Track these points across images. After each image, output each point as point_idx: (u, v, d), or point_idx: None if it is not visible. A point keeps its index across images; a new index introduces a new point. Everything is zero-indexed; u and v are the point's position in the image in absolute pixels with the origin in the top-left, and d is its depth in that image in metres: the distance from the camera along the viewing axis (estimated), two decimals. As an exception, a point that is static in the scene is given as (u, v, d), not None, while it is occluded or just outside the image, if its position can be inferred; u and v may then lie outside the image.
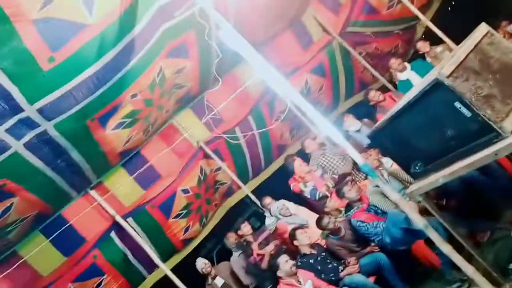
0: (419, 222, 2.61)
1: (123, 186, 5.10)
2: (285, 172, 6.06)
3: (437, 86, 2.40)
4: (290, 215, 5.16)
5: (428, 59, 6.32)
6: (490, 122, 2.28)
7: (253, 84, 5.69)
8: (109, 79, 3.90)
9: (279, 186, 6.06)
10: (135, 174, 5.17)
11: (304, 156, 6.06)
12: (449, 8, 7.00)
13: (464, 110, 2.31)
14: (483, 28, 2.83)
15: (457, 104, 2.32)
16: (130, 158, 5.18)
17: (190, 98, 5.48)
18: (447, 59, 2.97)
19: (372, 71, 6.76)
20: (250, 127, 6.13)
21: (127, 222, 5.07)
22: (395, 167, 4.36)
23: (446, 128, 2.54)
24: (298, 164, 5.56)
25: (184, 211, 5.63)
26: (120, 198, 5.13)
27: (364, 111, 6.64)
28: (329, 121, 2.97)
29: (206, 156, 5.78)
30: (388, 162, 4.56)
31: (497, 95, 2.57)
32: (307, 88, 6.67)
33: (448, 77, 2.55)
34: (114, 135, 4.49)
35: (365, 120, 6.23)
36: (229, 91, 5.67)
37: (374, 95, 6.09)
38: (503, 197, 3.59)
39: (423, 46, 6.34)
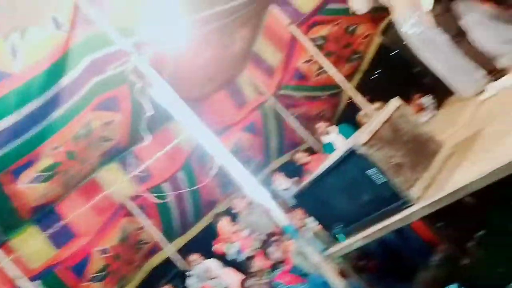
0: (338, 284, 2.65)
1: (33, 245, 4.65)
2: (214, 230, 5.95)
3: (352, 153, 2.55)
4: (215, 277, 5.01)
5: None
6: (397, 190, 2.44)
7: (185, 141, 5.67)
8: (28, 130, 3.70)
9: (208, 243, 5.91)
10: (48, 232, 4.76)
11: (234, 214, 6.03)
12: (371, 79, 7.65)
13: (376, 178, 2.46)
14: (396, 101, 3.10)
15: (370, 172, 2.47)
16: (45, 213, 4.80)
17: (118, 152, 5.32)
18: (363, 129, 3.19)
19: (301, 132, 7.09)
20: (180, 183, 6.04)
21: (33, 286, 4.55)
22: (319, 227, 4.45)
23: (362, 193, 2.66)
24: (223, 225, 5.51)
25: (101, 274, 5.24)
26: (28, 258, 4.66)
27: (294, 169, 6.83)
28: (257, 180, 3.02)
29: (129, 213, 5.53)
30: (312, 222, 4.66)
31: (407, 164, 2.78)
32: (239, 146, 6.80)
33: (363, 145, 2.73)
34: (28, 190, 4.17)
35: (296, 178, 6.40)
36: (160, 146, 5.59)
37: (300, 157, 6.35)
38: (416, 259, 3.78)
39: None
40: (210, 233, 6.11)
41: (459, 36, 3.49)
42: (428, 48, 3.81)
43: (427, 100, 5.39)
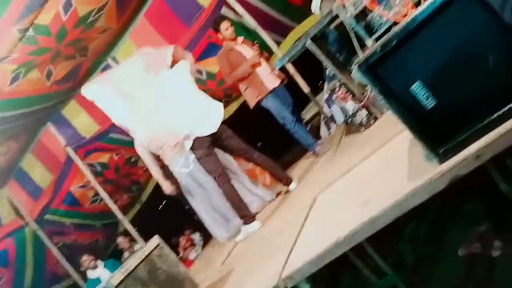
0: None
1: None
2: None
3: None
4: None
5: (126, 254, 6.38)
6: None
7: None
8: None
9: None
10: None
11: None
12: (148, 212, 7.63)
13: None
14: (155, 240, 3.06)
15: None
16: None
17: None
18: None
19: (65, 265, 6.23)
20: None
21: None
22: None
23: None
24: None
25: None
26: None
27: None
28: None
29: None
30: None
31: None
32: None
33: (116, 287, 2.52)
34: None
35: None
36: None
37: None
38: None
39: (123, 241, 6.41)
40: None
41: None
42: (193, 190, 4.10)
43: (196, 236, 5.62)
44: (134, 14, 5.12)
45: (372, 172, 2.54)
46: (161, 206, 7.75)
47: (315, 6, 4.33)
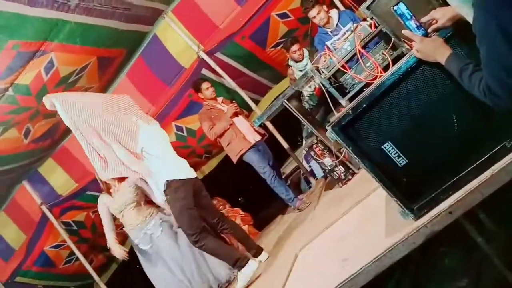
0: None
1: None
2: None
3: None
4: None
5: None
6: None
7: None
8: None
9: None
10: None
11: None
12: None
13: None
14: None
15: None
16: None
17: None
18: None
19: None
20: None
21: None
22: None
23: None
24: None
25: None
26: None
27: None
28: None
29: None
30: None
31: None
32: None
33: None
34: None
35: None
36: None
37: None
38: None
39: None
40: None
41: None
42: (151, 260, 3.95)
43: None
44: (116, 73, 5.24)
45: (350, 228, 2.57)
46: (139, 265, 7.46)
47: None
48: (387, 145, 1.79)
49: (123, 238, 5.39)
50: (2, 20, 3.07)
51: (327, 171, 3.83)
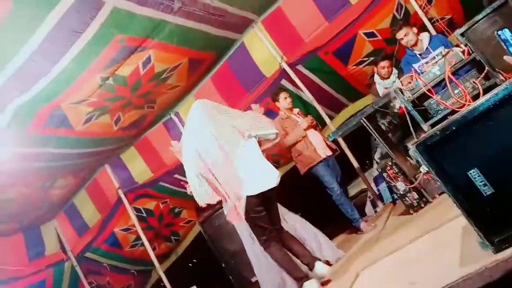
0: None
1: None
2: None
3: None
4: None
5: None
6: None
7: None
8: None
9: None
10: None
11: None
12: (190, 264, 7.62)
13: None
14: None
15: None
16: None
17: None
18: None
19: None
20: None
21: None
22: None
23: None
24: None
25: None
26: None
27: None
28: None
29: None
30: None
31: None
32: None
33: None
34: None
35: None
36: None
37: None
38: None
39: None
40: None
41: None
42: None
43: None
44: (202, 76, 5.55)
45: (420, 255, 2.49)
46: (195, 261, 7.73)
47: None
48: (473, 172, 1.75)
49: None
50: (117, 16, 3.42)
51: (398, 195, 3.74)
